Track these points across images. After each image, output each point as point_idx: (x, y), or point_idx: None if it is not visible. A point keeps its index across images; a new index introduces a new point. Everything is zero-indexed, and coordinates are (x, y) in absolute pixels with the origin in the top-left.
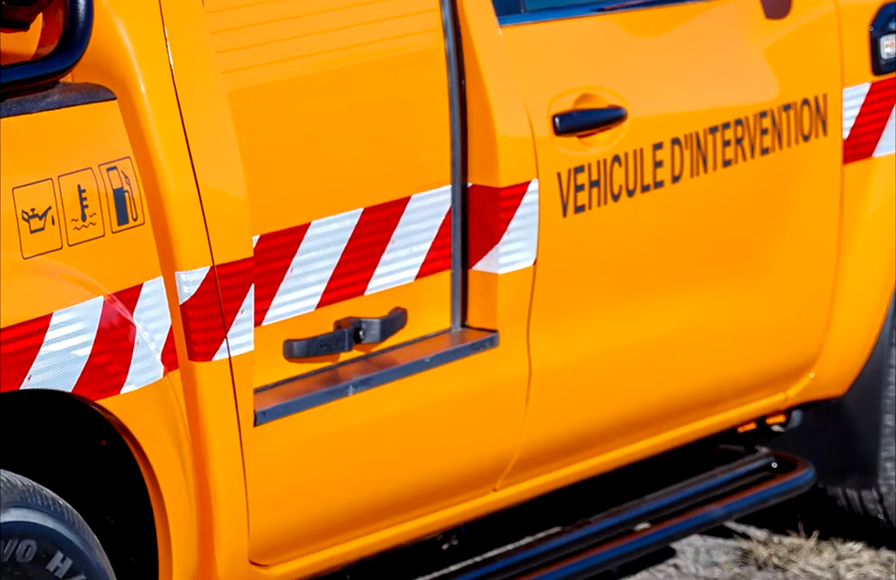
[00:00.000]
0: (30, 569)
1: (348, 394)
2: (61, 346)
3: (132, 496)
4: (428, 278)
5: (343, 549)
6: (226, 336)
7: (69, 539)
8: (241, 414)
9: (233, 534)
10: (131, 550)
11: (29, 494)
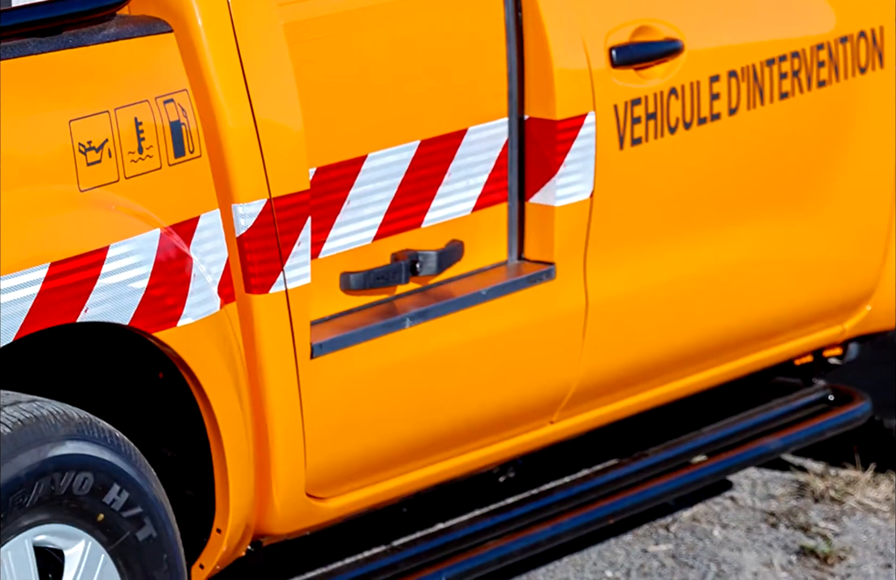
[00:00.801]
0: (86, 501)
1: (405, 327)
2: (118, 279)
3: (189, 429)
4: (484, 211)
5: (399, 482)
6: (282, 268)
7: (126, 471)
8: (298, 346)
9: (289, 466)
10: (188, 483)
11: (85, 427)
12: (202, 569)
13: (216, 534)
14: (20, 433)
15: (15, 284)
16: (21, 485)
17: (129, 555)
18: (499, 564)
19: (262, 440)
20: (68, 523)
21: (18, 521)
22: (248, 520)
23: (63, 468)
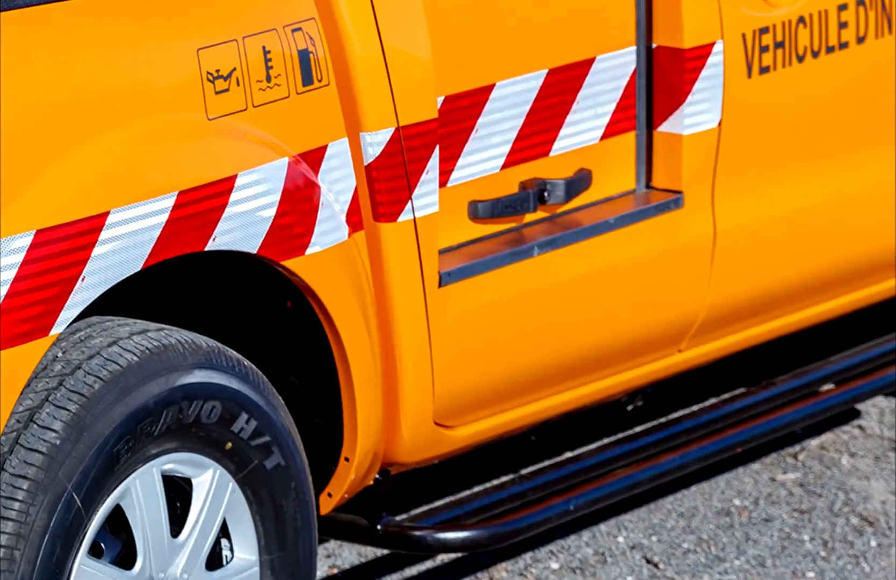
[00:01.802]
0: (214, 430)
1: (533, 256)
2: (246, 207)
3: (317, 357)
4: (612, 139)
5: (527, 411)
6: (410, 197)
7: (254, 400)
8: (426, 275)
9: (417, 395)
10: (316, 411)
11: (214, 355)
12: (330, 497)
13: (344, 463)
14: (148, 362)
15: (143, 213)
16: (149, 413)
17: (256, 483)
18: (627, 493)
19: (390, 369)
20: (196, 452)
21: (146, 450)
22: (377, 449)
23: (191, 397)
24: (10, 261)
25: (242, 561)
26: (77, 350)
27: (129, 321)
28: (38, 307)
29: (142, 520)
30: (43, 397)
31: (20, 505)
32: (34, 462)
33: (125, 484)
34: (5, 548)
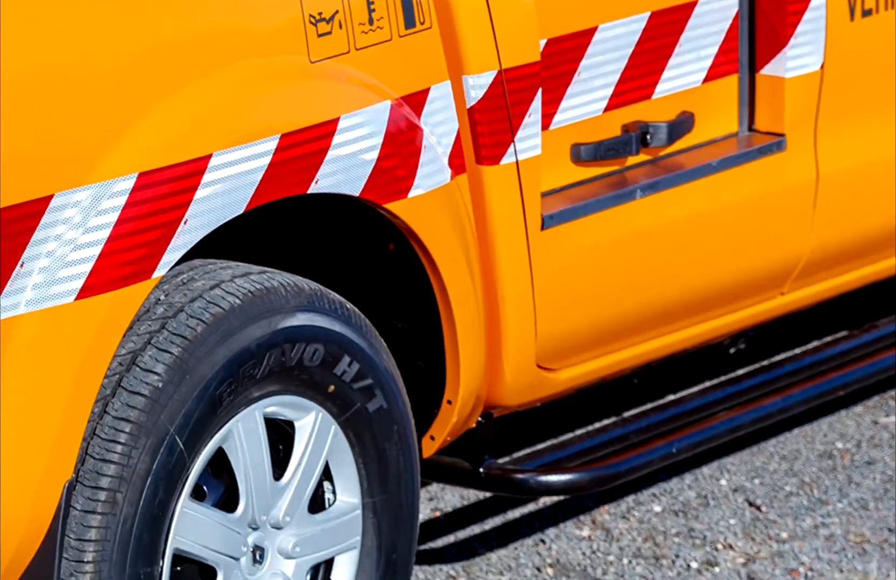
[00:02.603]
0: (317, 372)
1: (635, 198)
2: (348, 150)
3: (419, 300)
4: (715, 82)
5: (629, 354)
6: (513, 140)
7: (356, 343)
8: (529, 218)
9: (520, 337)
10: (418, 354)
11: (316, 298)
12: (433, 440)
13: (446, 406)
14: (251, 304)
15: (246, 156)
16: (251, 356)
17: (359, 426)
18: (729, 436)
19: (493, 311)
20: (299, 395)
21: (249, 393)
22: (479, 392)
23: (294, 339)
24: (112, 204)
25: (345, 504)
26: (179, 293)
27: (232, 264)
28: (141, 250)
29: (244, 463)
30: (145, 340)
31: (122, 448)
32: (136, 405)
33: (228, 426)
34: (107, 491)
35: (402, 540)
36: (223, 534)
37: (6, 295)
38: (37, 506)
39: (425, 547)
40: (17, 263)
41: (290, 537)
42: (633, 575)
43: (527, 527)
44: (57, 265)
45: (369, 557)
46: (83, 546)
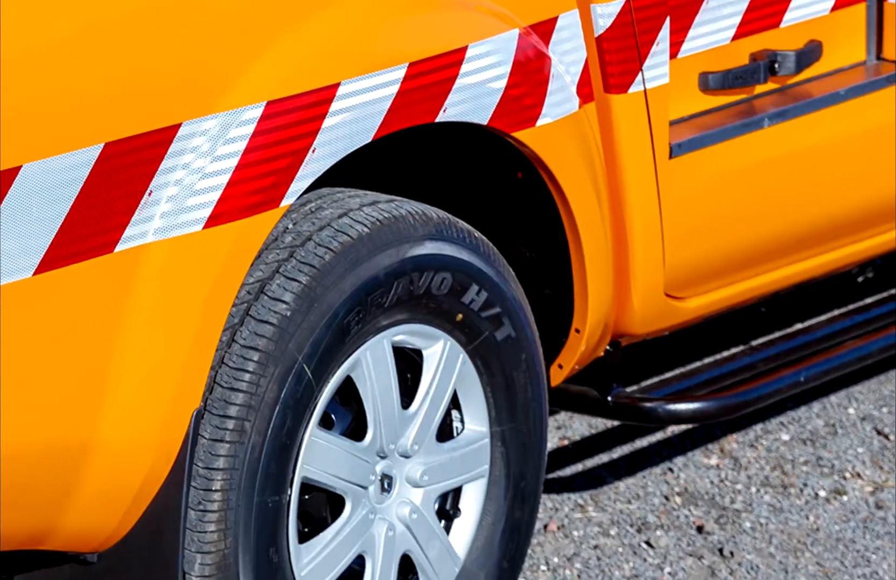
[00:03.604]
0: (445, 301)
1: (763, 127)
2: (477, 79)
3: (547, 229)
4: (843, 10)
5: (757, 282)
6: (641, 68)
7: (484, 271)
8: (657, 146)
9: (648, 266)
10: (546, 283)
11: (444, 227)
12: (561, 369)
13: (575, 334)
14: (379, 233)
15: (374, 84)
16: (379, 285)
17: (487, 354)
18: (857, 365)
19: (621, 240)
20: (427, 323)
21: (377, 322)
22: (607, 320)
23: (422, 268)
24: (240, 132)
25: (473, 432)
26: (307, 221)
27: (360, 192)
28: (269, 179)
29: (372, 392)
30: (273, 269)
31: (250, 376)
32: (264, 333)
33: (356, 355)
34: (235, 420)
35: (530, 468)
36: (351, 462)
37: (134, 224)
38: (165, 434)
39: (553, 475)
40: (145, 192)
41: (419, 466)
42: (761, 503)
43: (655, 455)
44: (185, 194)
45: (497, 486)
46: (211, 475)
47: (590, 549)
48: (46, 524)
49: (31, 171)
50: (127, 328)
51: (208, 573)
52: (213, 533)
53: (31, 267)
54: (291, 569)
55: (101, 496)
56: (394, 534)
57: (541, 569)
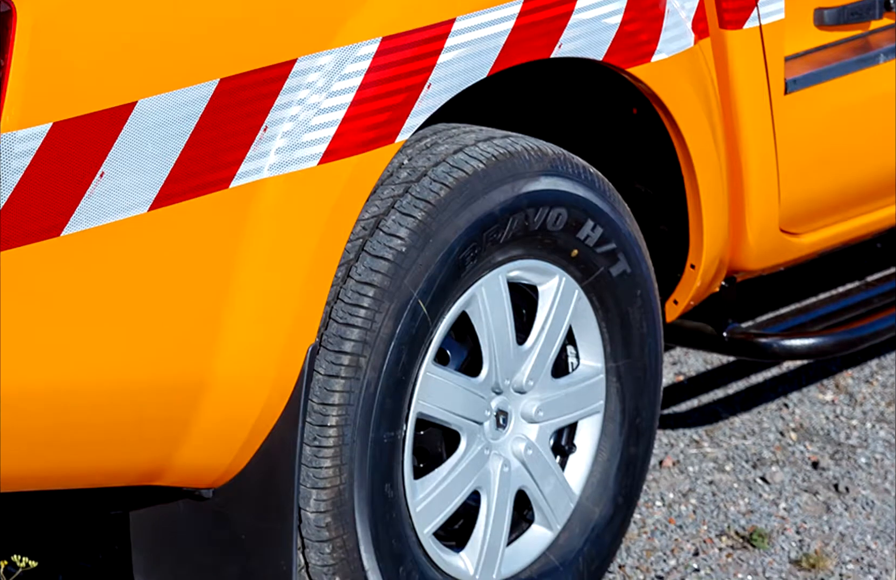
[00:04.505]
0: (560, 237)
1: (878, 63)
2: (592, 14)
3: (662, 165)
4: None
5: (872, 218)
6: (756, 4)
7: (600, 207)
8: (772, 82)
9: (763, 201)
10: (661, 219)
11: (559, 162)
12: (676, 305)
13: (690, 270)
14: (494, 169)
15: (490, 20)
16: (495, 220)
17: (602, 290)
18: None
19: (736, 176)
20: (542, 259)
21: (492, 257)
22: (722, 256)
23: (537, 204)
24: (356, 68)
25: (588, 368)
26: (423, 157)
27: (475, 128)
28: (385, 114)
29: (487, 327)
30: (389, 204)
31: (366, 312)
32: (380, 269)
33: (471, 291)
34: (351, 356)
35: (646, 404)
36: (467, 398)
37: (249, 159)
38: (281, 370)
39: (668, 411)
40: (260, 127)
41: (534, 401)
42: (877, 439)
43: (770, 391)
44: (300, 129)
45: (612, 422)
46: (326, 410)
47: (705, 485)
48: (162, 460)
49: (147, 107)
50: (242, 264)
51: (324, 508)
52: (329, 468)
53: (146, 203)
54: (407, 505)
55: (217, 432)
56: (509, 470)
57: (656, 505)
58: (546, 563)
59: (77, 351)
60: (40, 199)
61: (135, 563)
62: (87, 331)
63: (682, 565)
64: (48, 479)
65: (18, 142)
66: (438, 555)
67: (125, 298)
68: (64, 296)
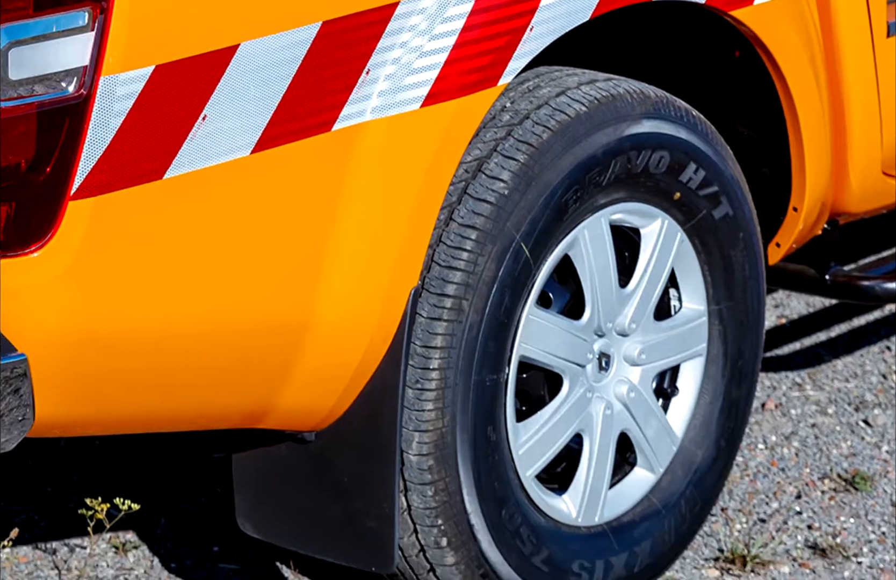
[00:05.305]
0: (662, 179)
1: None
2: None
3: (765, 107)
4: None
5: None
6: None
7: (702, 150)
8: (874, 24)
9: (865, 144)
10: (764, 161)
11: (662, 105)
12: (778, 247)
13: (792, 213)
14: (597, 111)
15: None
16: (597, 163)
17: (704, 233)
18: None
19: (838, 118)
20: (644, 202)
21: (594, 200)
22: (825, 199)
23: (639, 146)
24: (458, 10)
25: (691, 311)
26: (525, 100)
27: (577, 71)
28: (487, 57)
29: (590, 270)
30: (491, 147)
31: (468, 255)
32: (482, 212)
33: (573, 234)
34: (453, 299)
35: (748, 347)
36: (569, 341)
37: (352, 102)
38: (383, 313)
39: (771, 354)
40: (363, 70)
41: (636, 344)
42: None
43: (872, 334)
44: (403, 72)
45: (715, 364)
46: (429, 353)
47: (807, 428)
48: (265, 403)
49: (249, 50)
50: (345, 206)
51: (426, 451)
52: (431, 411)
53: (248, 145)
54: (509, 448)
55: (320, 374)
56: (611, 412)
57: (758, 448)
58: (648, 506)
59: (180, 294)
60: (142, 143)
61: (237, 506)
62: (190, 275)
63: (784, 508)
64: (152, 422)
65: (120, 85)
66: (541, 498)
67: (228, 241)
68: (166, 240)
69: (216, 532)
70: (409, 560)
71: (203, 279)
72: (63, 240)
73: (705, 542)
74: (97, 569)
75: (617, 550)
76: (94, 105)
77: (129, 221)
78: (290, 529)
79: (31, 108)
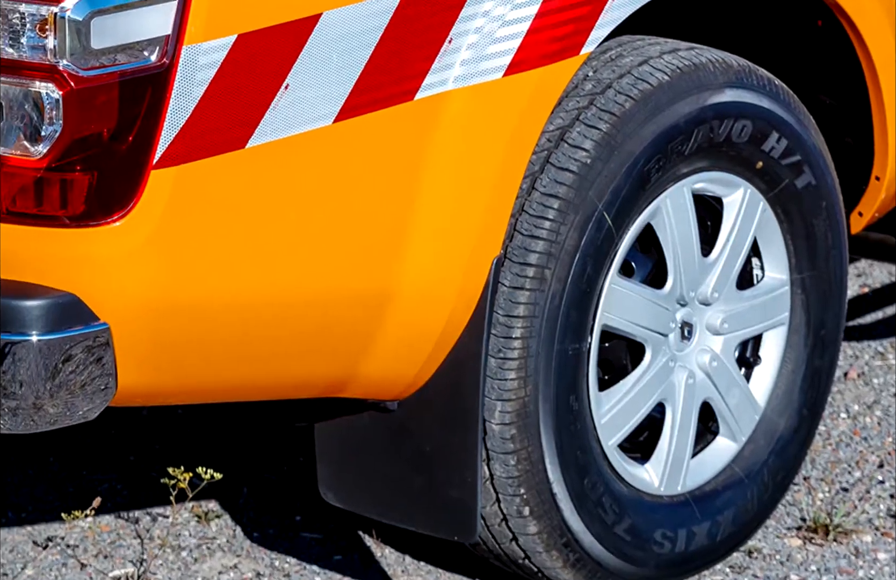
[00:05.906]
0: (744, 148)
1: None
2: None
3: (847, 77)
4: None
5: None
6: None
7: (785, 119)
8: None
9: None
10: (847, 130)
11: (744, 74)
12: (861, 217)
13: (875, 182)
14: (679, 80)
15: None
16: (680, 132)
17: (787, 202)
18: None
19: None
20: (726, 171)
21: (677, 169)
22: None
23: (722, 116)
24: None
25: (773, 280)
26: (608, 69)
27: (660, 40)
28: (570, 26)
29: (672, 239)
30: (573, 116)
31: (550, 224)
32: (564, 181)
33: (655, 203)
34: (536, 268)
35: (831, 316)
36: (651, 310)
37: (434, 72)
38: (466, 281)
39: (853, 323)
40: (445, 39)
41: (719, 313)
42: None
43: None
44: (485, 41)
45: (797, 334)
46: (511, 322)
47: (890, 397)
48: (348, 371)
49: (331, 19)
50: (427, 176)
51: (508, 420)
52: (514, 380)
53: (331, 115)
54: (591, 417)
55: (402, 343)
56: (694, 381)
57: (840, 417)
58: (731, 475)
59: (262, 263)
60: (225, 112)
61: (320, 476)
62: (272, 244)
63: (866, 477)
64: (234, 391)
65: (203, 54)
66: (623, 467)
67: (310, 210)
68: (248, 209)
69: (299, 501)
70: (492, 529)
71: (285, 248)
72: (145, 209)
73: (787, 511)
74: (179, 538)
75: (699, 519)
76: (176, 74)
77: (211, 190)
78: (372, 498)
79: (113, 77)
